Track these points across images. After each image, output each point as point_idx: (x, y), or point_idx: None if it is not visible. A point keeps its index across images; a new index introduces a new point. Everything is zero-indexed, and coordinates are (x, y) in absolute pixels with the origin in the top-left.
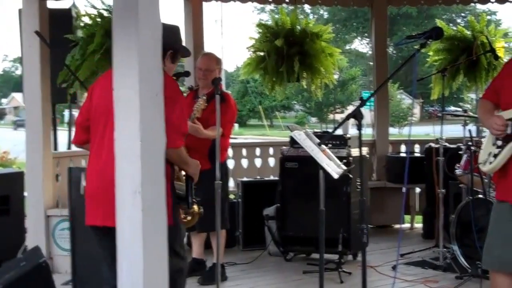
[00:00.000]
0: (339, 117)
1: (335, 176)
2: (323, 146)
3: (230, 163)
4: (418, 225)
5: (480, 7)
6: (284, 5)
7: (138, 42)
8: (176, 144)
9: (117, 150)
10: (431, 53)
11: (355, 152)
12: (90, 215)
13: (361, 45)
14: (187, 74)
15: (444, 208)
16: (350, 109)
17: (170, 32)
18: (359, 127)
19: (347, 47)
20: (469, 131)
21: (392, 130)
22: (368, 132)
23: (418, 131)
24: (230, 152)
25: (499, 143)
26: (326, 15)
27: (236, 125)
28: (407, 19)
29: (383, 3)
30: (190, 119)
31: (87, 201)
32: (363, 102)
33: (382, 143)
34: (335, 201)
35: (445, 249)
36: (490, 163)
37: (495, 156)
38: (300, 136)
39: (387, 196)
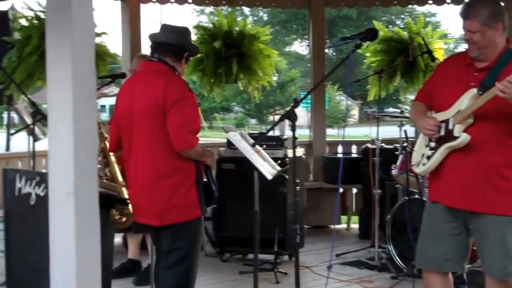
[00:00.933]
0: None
1: (269, 177)
2: (258, 147)
3: None
4: (355, 226)
5: (420, 9)
6: (225, 7)
7: (72, 43)
8: (192, 143)
9: (50, 151)
10: (368, 54)
11: (291, 152)
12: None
13: (301, 47)
14: (123, 75)
15: (380, 209)
16: None
17: (185, 35)
18: (293, 128)
19: (287, 49)
20: (405, 131)
21: (331, 131)
22: (305, 133)
23: (357, 132)
24: None
25: (432, 144)
26: (265, 17)
27: None
28: (347, 21)
29: (320, 5)
30: None
31: (133, 203)
32: (296, 103)
33: (319, 143)
34: (272, 201)
35: (380, 249)
36: (424, 164)
37: (428, 158)
38: (235, 137)
39: (324, 196)
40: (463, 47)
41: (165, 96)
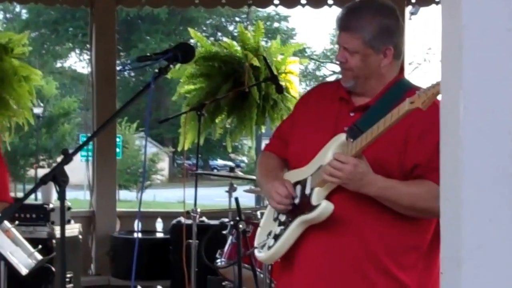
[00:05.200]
0: (43, 174)
1: (24, 271)
2: (7, 224)
3: None
4: None
5: (267, 10)
6: None
7: None
8: None
9: None
10: (182, 79)
11: (60, 231)
12: None
13: (81, 62)
14: None
15: None
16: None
17: None
18: (62, 195)
19: (59, 65)
20: (236, 200)
21: (126, 195)
22: (86, 198)
23: (166, 196)
24: None
25: (283, 218)
26: (25, 15)
27: None
28: (153, 24)
29: (109, 3)
30: None
31: None
32: (67, 156)
33: (105, 216)
34: None
35: None
36: (269, 247)
37: (276, 237)
38: None
39: None
40: (328, 69)
41: None
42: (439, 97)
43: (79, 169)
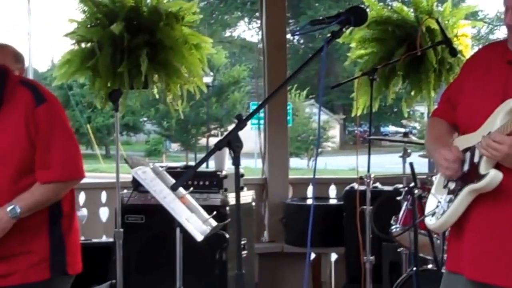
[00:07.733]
0: (215, 142)
1: (199, 237)
2: (182, 191)
3: None
4: None
5: None
6: None
7: None
8: None
9: None
10: (353, 44)
11: (234, 198)
12: None
13: (250, 30)
14: None
15: (374, 284)
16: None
17: None
18: (236, 160)
19: (228, 34)
20: (410, 165)
21: (296, 163)
22: (257, 166)
23: (338, 164)
24: None
25: (452, 186)
26: None
27: None
28: None
29: None
30: None
31: None
32: (241, 122)
33: (278, 183)
34: (204, 275)
35: None
36: (440, 216)
37: (447, 206)
38: (145, 174)
39: (286, 265)
40: (502, 32)
41: None
42: None
43: (249, 137)
